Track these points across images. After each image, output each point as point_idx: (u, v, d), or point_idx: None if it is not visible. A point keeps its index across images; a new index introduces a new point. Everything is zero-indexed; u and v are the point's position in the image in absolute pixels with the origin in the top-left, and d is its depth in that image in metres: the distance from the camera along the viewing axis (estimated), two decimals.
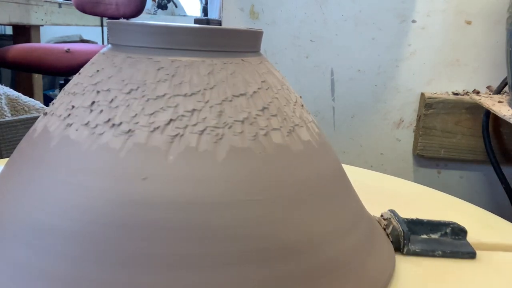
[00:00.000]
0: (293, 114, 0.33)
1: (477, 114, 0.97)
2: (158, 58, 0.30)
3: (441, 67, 0.99)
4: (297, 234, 0.29)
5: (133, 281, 0.25)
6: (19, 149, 0.33)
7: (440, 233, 0.39)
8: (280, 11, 0.99)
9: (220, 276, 0.26)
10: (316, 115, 1.03)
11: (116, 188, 0.27)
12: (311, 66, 1.01)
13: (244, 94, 0.31)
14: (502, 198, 1.00)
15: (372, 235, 0.35)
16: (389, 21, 0.98)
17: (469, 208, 0.49)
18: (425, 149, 1.01)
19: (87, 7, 1.97)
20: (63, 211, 0.27)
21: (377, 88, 1.01)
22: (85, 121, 0.29)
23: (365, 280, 0.31)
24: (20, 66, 1.63)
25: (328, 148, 0.35)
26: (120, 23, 0.32)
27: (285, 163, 0.30)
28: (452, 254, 0.37)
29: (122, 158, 0.27)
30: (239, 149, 0.28)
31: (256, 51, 0.35)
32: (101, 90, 0.30)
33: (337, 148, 1.05)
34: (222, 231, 0.26)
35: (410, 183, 0.58)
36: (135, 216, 0.26)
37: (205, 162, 0.27)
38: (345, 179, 0.36)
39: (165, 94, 0.29)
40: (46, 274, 0.26)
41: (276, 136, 0.30)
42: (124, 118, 0.28)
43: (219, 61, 0.31)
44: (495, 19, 0.96)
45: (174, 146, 0.27)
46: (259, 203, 0.28)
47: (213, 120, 0.29)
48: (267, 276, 0.27)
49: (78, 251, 0.26)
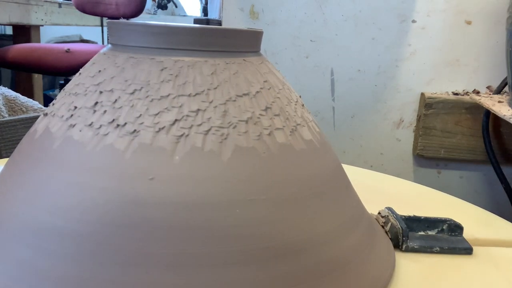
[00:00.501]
0: (295, 113, 0.33)
1: (477, 114, 0.97)
2: (161, 58, 0.31)
3: (441, 67, 1.00)
4: (300, 233, 0.29)
5: (138, 281, 0.25)
6: (19, 150, 0.33)
7: (437, 229, 0.40)
8: (280, 11, 0.99)
9: (224, 275, 0.26)
10: (316, 115, 1.03)
11: (122, 188, 0.27)
12: (311, 66, 1.01)
13: (247, 94, 0.31)
14: (502, 198, 1.00)
15: (372, 234, 0.36)
16: (389, 21, 0.98)
17: (469, 208, 0.50)
18: (425, 149, 1.01)
19: (87, 7, 1.97)
20: (67, 212, 0.27)
21: (377, 88, 1.02)
22: (89, 121, 0.29)
23: (367, 278, 0.31)
24: (20, 66, 1.63)
25: (328, 147, 0.35)
26: (121, 23, 0.32)
27: (288, 162, 0.30)
28: (450, 250, 0.38)
29: (127, 158, 0.27)
30: (244, 148, 0.28)
31: (257, 51, 0.35)
32: (104, 90, 0.30)
33: (337, 148, 1.05)
34: (227, 230, 0.27)
35: (410, 183, 0.58)
36: (141, 217, 0.26)
37: (210, 162, 0.28)
38: (345, 178, 0.37)
39: (169, 95, 0.29)
40: (49, 275, 0.26)
41: (279, 136, 0.30)
42: (129, 119, 0.28)
43: (221, 61, 0.31)
44: (495, 19, 0.96)
45: (180, 146, 0.28)
46: (263, 202, 0.28)
47: (217, 120, 0.29)
48: (270, 275, 0.27)
49: (83, 251, 0.26)
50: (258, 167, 0.28)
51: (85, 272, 0.25)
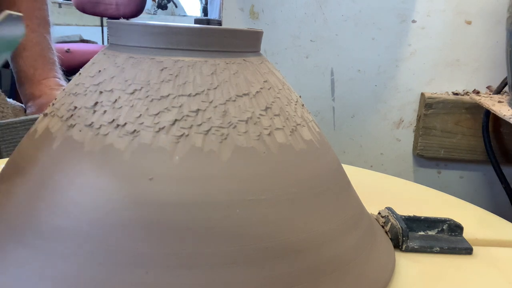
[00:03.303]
0: (294, 113, 0.33)
1: (477, 114, 0.97)
2: (161, 58, 0.31)
3: (441, 67, 1.00)
4: (300, 233, 0.29)
5: (138, 281, 0.25)
6: (19, 150, 0.33)
7: (437, 229, 0.40)
8: (280, 11, 0.99)
9: (223, 275, 0.26)
10: (316, 115, 1.03)
11: (121, 188, 0.27)
12: (311, 66, 1.01)
13: (247, 94, 0.31)
14: (502, 198, 1.00)
15: (372, 234, 0.36)
16: (389, 21, 0.98)
17: (469, 208, 0.50)
18: (425, 149, 1.01)
19: (87, 7, 1.97)
20: (67, 211, 0.27)
21: (377, 88, 1.02)
22: (89, 121, 0.29)
23: (367, 278, 0.31)
24: None
25: (328, 147, 0.35)
26: (122, 23, 0.32)
27: (288, 162, 0.30)
28: (450, 250, 0.38)
29: (127, 158, 0.27)
30: (243, 148, 0.28)
31: (257, 51, 0.35)
32: (104, 90, 0.30)
33: (337, 148, 1.05)
34: (227, 230, 0.27)
35: (410, 183, 0.58)
36: (141, 217, 0.26)
37: (210, 162, 0.28)
38: (345, 178, 0.37)
39: (169, 95, 0.29)
40: (49, 275, 0.26)
41: (279, 136, 0.30)
42: (129, 119, 0.28)
43: (221, 61, 0.31)
44: (495, 19, 0.96)
45: (179, 146, 0.28)
46: (263, 202, 0.28)
47: (217, 120, 0.29)
48: (269, 275, 0.27)
49: (83, 251, 0.26)
50: (258, 167, 0.28)
51: (85, 272, 0.25)
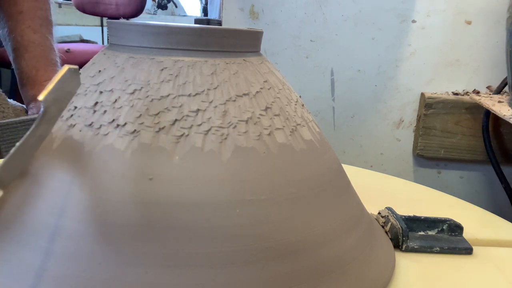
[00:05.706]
0: (294, 113, 0.33)
1: (477, 114, 0.97)
2: (161, 58, 0.31)
3: (441, 67, 1.00)
4: (300, 233, 0.29)
5: (138, 281, 0.25)
6: None
7: (437, 229, 0.40)
8: (280, 11, 0.99)
9: (223, 275, 0.26)
10: (316, 115, 1.03)
11: (121, 188, 0.27)
12: (311, 66, 1.01)
13: (247, 94, 0.31)
14: (502, 198, 1.00)
15: (372, 234, 0.36)
16: (389, 21, 0.98)
17: (469, 208, 0.50)
18: (425, 149, 1.01)
19: (87, 7, 1.97)
20: (67, 211, 0.27)
21: (377, 88, 1.02)
22: (89, 121, 0.29)
23: (367, 278, 0.31)
24: None
25: (328, 147, 0.35)
26: (122, 23, 0.32)
27: (288, 162, 0.30)
28: (450, 250, 0.38)
29: (127, 158, 0.27)
30: (243, 148, 0.28)
31: (257, 51, 0.35)
32: (104, 90, 0.30)
33: (337, 148, 1.05)
34: (226, 230, 0.27)
35: (410, 183, 0.58)
36: (141, 217, 0.26)
37: (210, 162, 0.28)
38: (344, 178, 0.37)
39: (169, 95, 0.29)
40: (49, 275, 0.26)
41: (279, 136, 0.30)
42: (129, 119, 0.28)
43: (221, 61, 0.31)
44: (495, 19, 0.96)
45: (179, 146, 0.28)
46: (263, 202, 0.28)
47: (217, 120, 0.29)
48: (269, 275, 0.27)
49: (83, 251, 0.26)
50: (258, 167, 0.28)
51: (85, 272, 0.25)
